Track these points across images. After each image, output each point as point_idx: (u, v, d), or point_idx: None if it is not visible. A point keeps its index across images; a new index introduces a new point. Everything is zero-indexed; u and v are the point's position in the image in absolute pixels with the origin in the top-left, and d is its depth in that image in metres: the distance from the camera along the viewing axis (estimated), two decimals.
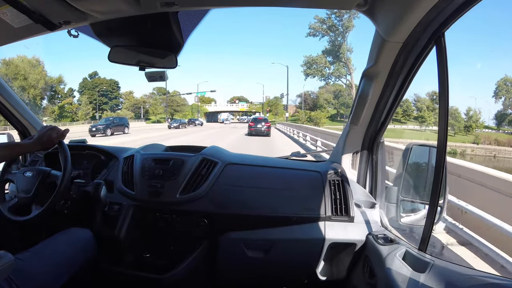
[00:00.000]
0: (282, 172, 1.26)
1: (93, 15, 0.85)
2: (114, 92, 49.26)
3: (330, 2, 0.84)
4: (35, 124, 1.59)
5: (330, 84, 49.37)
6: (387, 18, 0.81)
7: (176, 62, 1.11)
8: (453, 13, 0.70)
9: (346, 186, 1.16)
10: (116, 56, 1.09)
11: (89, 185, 1.16)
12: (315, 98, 50.20)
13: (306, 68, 48.36)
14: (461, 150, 31.05)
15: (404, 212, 1.07)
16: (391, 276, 0.83)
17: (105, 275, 1.19)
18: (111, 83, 48.80)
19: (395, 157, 3.96)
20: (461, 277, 0.68)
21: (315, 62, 47.48)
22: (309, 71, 47.96)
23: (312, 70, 47.72)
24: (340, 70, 47.04)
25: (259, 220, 1.15)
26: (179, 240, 1.25)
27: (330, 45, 46.14)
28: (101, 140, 15.24)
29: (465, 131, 38.14)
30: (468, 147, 32.03)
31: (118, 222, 1.19)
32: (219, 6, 0.90)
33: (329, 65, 47.55)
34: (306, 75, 48.71)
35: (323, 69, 47.75)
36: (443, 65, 0.73)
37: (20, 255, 0.89)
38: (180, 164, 1.23)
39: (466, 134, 37.53)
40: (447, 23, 0.73)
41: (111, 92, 48.80)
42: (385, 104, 1.07)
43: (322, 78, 49.01)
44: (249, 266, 1.19)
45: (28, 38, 1.01)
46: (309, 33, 46.43)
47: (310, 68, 47.84)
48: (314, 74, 48.02)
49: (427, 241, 0.82)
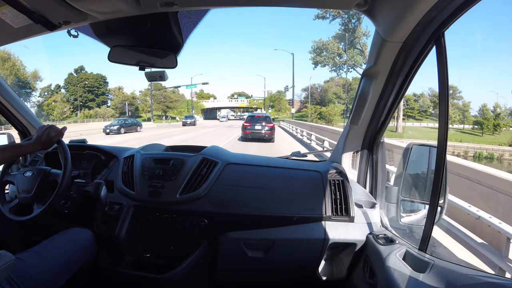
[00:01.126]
0: (283, 172, 1.26)
1: (93, 15, 0.85)
2: (101, 87, 44.79)
3: (330, 2, 0.84)
4: (35, 124, 1.59)
5: (341, 75, 41.82)
6: (387, 18, 0.81)
7: (176, 62, 1.11)
8: (453, 13, 0.70)
9: (347, 186, 1.16)
10: (116, 56, 1.09)
11: (90, 185, 1.17)
12: (323, 92, 43.67)
13: (316, 55, 40.00)
14: (498, 155, 24.03)
15: (404, 212, 1.07)
16: (391, 276, 0.83)
17: (105, 274, 1.19)
18: (98, 78, 44.34)
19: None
20: (461, 277, 0.68)
21: (326, 48, 38.86)
22: (319, 59, 39.78)
23: (323, 58, 39.55)
24: (356, 58, 38.38)
25: (259, 220, 1.15)
26: (179, 240, 1.25)
27: (343, 29, 37.10)
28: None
29: (493, 130, 32.89)
30: (506, 151, 24.49)
31: (118, 222, 1.19)
32: (219, 6, 0.90)
33: (342, 51, 38.79)
34: (315, 63, 40.39)
35: (335, 56, 39.15)
36: (443, 65, 0.73)
37: (20, 255, 0.89)
38: (180, 164, 1.23)
39: (493, 133, 32.61)
40: (447, 23, 0.73)
41: (98, 88, 44.36)
42: (385, 104, 1.07)
43: (334, 67, 40.55)
44: (249, 266, 1.20)
45: (28, 38, 1.01)
46: (317, 16, 36.88)
47: (320, 55, 39.69)
48: (325, 62, 39.54)
49: (427, 241, 0.82)
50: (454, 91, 39.82)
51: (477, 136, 31.62)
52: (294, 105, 37.14)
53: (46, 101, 40.88)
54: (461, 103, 39.78)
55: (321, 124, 24.91)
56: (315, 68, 41.75)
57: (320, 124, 20.10)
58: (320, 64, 40.01)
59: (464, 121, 37.45)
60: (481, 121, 34.21)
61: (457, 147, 25.18)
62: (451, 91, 39.39)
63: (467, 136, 30.35)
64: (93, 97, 44.05)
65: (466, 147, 25.26)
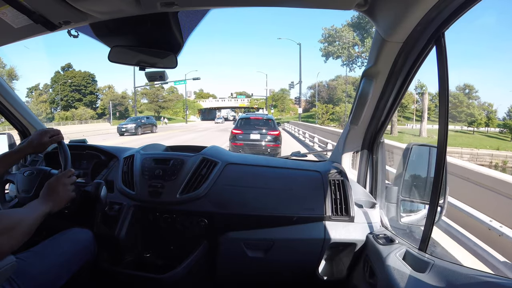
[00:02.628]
0: (283, 172, 1.26)
1: (93, 15, 0.85)
2: (89, 86, 41.13)
3: (330, 2, 0.84)
4: (35, 124, 1.59)
5: (355, 70, 34.98)
6: (387, 18, 0.81)
7: (176, 62, 1.11)
8: (453, 13, 0.70)
9: (347, 186, 1.16)
10: (116, 56, 1.09)
11: (90, 185, 1.17)
12: (331, 90, 38.40)
13: (327, 44, 33.13)
14: None
15: (404, 212, 1.07)
16: (391, 276, 0.83)
17: (105, 274, 1.19)
18: (85, 76, 40.77)
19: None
20: (461, 277, 0.68)
21: (340, 37, 32.03)
22: (331, 49, 32.88)
23: (336, 48, 32.72)
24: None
25: (259, 220, 1.15)
26: (179, 240, 1.25)
27: (358, 15, 29.86)
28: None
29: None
30: None
31: (118, 222, 1.19)
32: (219, 6, 0.90)
33: (358, 41, 31.80)
34: (327, 55, 33.54)
35: (350, 46, 32.30)
36: (443, 65, 0.73)
37: (20, 255, 0.89)
38: (180, 164, 1.23)
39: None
40: (447, 23, 0.73)
41: (85, 87, 40.78)
42: (385, 104, 1.07)
43: (349, 60, 33.38)
44: (249, 266, 1.20)
45: (28, 38, 1.01)
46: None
47: (332, 44, 32.90)
48: (339, 53, 32.66)
49: (427, 241, 0.82)
50: (471, 90, 37.47)
51: (505, 141, 26.49)
52: (300, 104, 30.43)
53: (32, 101, 38.08)
54: (476, 103, 37.24)
55: (334, 127, 20.37)
56: (326, 61, 34.94)
57: (333, 127, 15.71)
58: (333, 55, 33.09)
59: (489, 123, 32.64)
60: (510, 124, 29.64)
61: (495, 156, 19.42)
62: (467, 90, 36.99)
63: (494, 141, 24.91)
64: (80, 97, 40.67)
65: (505, 156, 19.39)
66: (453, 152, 18.23)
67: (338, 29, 32.53)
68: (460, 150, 19.41)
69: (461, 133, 29.01)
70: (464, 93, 36.81)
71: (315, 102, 37.28)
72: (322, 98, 39.00)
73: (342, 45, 32.43)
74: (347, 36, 31.83)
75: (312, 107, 40.51)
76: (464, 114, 34.55)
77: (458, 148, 19.78)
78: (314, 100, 38.50)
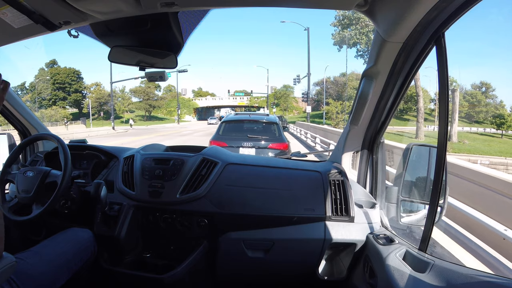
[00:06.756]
0: (283, 172, 1.26)
1: (93, 15, 0.85)
2: (73, 84, 37.16)
3: (330, 2, 0.84)
4: (35, 124, 1.59)
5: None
6: (387, 18, 0.81)
7: (176, 62, 1.11)
8: (453, 13, 0.70)
9: (347, 186, 1.17)
10: (116, 56, 1.09)
11: (90, 185, 1.17)
12: (340, 87, 33.90)
13: (341, 29, 27.80)
14: None
15: (404, 212, 1.07)
16: (391, 276, 0.83)
17: (105, 275, 1.19)
18: (70, 73, 36.93)
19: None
20: (461, 277, 0.68)
21: (356, 19, 26.10)
22: (347, 34, 27.57)
23: (353, 33, 27.19)
24: None
25: (259, 220, 1.15)
26: (180, 240, 1.25)
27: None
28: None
29: None
30: None
31: (118, 222, 1.19)
32: (219, 7, 0.90)
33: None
34: (340, 42, 28.38)
35: (369, 31, 26.28)
36: (443, 65, 0.73)
37: (20, 255, 0.89)
38: (180, 164, 1.23)
39: None
40: (447, 23, 0.73)
41: (70, 85, 36.86)
42: (385, 104, 1.07)
43: (367, 48, 27.30)
44: (249, 266, 1.20)
45: (28, 38, 1.01)
46: None
47: (349, 28, 27.44)
48: (356, 40, 27.14)
49: (427, 241, 0.82)
50: (488, 88, 34.71)
51: None
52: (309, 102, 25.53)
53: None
54: (492, 102, 34.76)
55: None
56: (339, 50, 29.54)
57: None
58: (348, 43, 27.50)
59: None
60: None
61: None
62: (484, 88, 34.00)
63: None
64: (64, 95, 36.98)
65: None
66: (496, 163, 13.28)
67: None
68: (505, 161, 14.23)
69: (488, 137, 24.76)
70: (482, 91, 33.74)
71: (323, 99, 31.63)
72: (330, 96, 34.16)
73: (360, 30, 26.50)
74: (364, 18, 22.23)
75: (318, 106, 35.76)
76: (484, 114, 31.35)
77: (501, 158, 14.28)
78: (321, 98, 32.99)
